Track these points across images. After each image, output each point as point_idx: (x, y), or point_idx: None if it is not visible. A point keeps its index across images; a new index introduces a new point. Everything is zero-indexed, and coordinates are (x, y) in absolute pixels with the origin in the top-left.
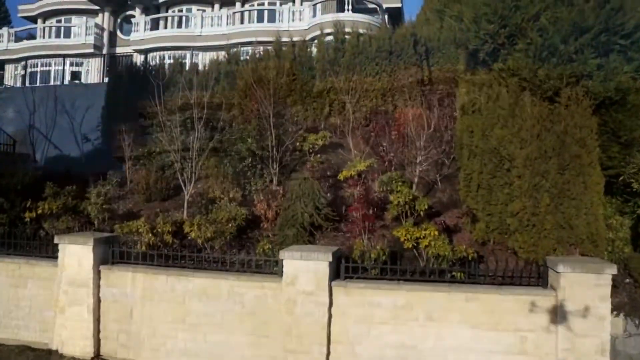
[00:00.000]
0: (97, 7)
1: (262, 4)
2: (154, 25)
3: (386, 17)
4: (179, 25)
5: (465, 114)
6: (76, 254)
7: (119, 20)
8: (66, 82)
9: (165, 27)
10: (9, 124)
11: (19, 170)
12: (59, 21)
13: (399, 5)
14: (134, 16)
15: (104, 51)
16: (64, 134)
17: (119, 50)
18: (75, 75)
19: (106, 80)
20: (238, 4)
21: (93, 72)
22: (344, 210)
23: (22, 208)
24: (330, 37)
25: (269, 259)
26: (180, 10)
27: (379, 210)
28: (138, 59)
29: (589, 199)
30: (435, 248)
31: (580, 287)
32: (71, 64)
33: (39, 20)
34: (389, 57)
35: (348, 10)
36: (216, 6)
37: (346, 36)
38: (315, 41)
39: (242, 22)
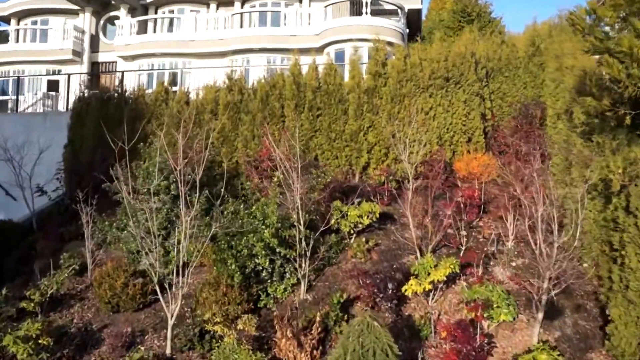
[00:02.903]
0: (77, 7)
1: (265, 5)
2: (142, 29)
3: (405, 19)
4: (170, 29)
5: (627, 213)
6: None
7: (101, 21)
8: (40, 94)
9: (155, 31)
10: None
11: None
12: (35, 22)
13: (419, 6)
14: (118, 17)
15: (85, 57)
16: (11, 183)
17: (102, 56)
18: (53, 86)
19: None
20: (237, 5)
21: (64, 91)
22: (420, 354)
23: None
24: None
25: None
26: (172, 12)
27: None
28: (111, 80)
29: None
30: None
31: None
32: (48, 72)
33: (13, 21)
34: (446, 86)
35: (366, 13)
36: (212, 7)
37: (387, 47)
38: (330, 56)
39: (241, 25)
